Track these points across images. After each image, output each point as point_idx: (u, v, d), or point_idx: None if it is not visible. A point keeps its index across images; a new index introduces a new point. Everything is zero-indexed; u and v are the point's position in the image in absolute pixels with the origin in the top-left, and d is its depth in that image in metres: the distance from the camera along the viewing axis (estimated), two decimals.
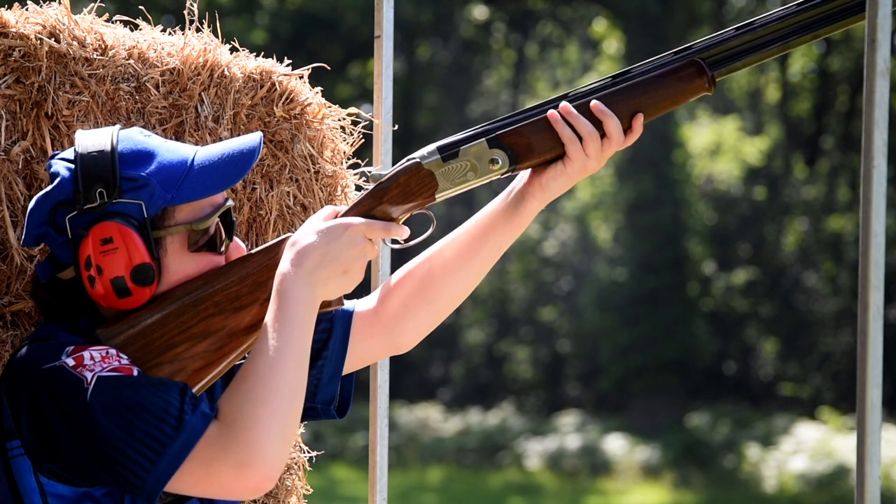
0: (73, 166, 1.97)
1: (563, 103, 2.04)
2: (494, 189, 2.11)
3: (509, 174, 2.06)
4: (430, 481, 14.74)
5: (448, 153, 2.05)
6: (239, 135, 2.44)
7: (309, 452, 2.58)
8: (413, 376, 19.53)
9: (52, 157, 2.03)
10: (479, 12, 19.03)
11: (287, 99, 2.48)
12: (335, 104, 2.56)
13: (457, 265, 2.19)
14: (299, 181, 2.52)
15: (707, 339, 17.23)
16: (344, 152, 2.57)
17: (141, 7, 2.75)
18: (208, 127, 2.41)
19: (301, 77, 2.50)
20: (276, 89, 2.47)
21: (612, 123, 2.02)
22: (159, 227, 1.98)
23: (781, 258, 18.77)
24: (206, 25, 2.43)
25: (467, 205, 16.67)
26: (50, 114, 2.26)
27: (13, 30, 2.22)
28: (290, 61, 2.50)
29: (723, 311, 18.30)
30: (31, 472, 1.91)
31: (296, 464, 2.57)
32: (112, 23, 2.37)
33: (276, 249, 2.01)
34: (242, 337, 2.00)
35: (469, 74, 19.62)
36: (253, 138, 2.03)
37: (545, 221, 19.63)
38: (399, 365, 17.78)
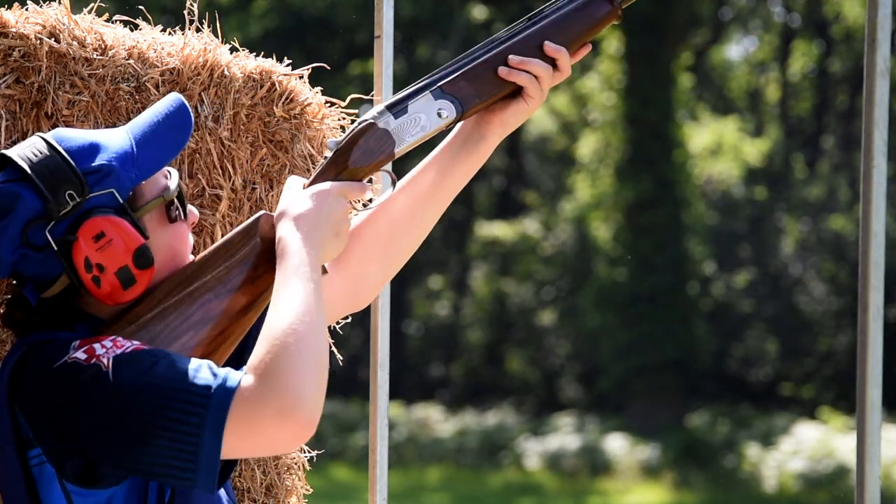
0: (25, 182, 1.94)
1: (511, 56, 2.12)
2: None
3: (458, 121, 2.13)
4: (430, 481, 14.75)
5: (398, 109, 2.11)
6: (239, 135, 2.45)
7: (309, 452, 2.57)
8: (413, 376, 19.52)
9: None
10: (479, 12, 19.03)
11: (287, 99, 2.48)
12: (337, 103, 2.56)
13: (417, 211, 2.22)
14: None
15: (707, 339, 17.23)
16: None
17: (141, 7, 2.75)
18: (208, 127, 2.41)
19: (301, 77, 2.50)
20: (276, 89, 2.47)
21: (565, 58, 2.14)
22: (136, 209, 1.99)
23: (781, 258, 18.77)
24: (206, 25, 2.43)
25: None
26: (50, 114, 2.26)
27: (13, 30, 2.22)
28: (290, 61, 2.50)
29: (723, 312, 18.30)
30: (55, 479, 1.89)
31: (296, 464, 2.56)
32: (112, 23, 2.37)
33: (255, 227, 2.03)
34: (241, 317, 2.02)
35: None
36: (171, 98, 2.05)
37: (545, 221, 19.63)
38: (399, 365, 17.79)
